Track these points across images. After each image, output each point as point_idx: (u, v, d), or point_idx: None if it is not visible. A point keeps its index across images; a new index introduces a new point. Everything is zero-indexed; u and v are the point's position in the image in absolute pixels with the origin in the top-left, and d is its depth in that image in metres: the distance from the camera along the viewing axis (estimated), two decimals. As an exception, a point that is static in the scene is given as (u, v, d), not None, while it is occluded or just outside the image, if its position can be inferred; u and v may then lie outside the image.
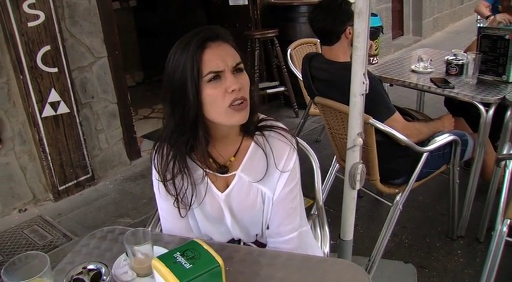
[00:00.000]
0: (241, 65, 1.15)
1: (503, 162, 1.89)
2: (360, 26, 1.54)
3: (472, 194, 2.44)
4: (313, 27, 2.14)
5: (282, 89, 4.44)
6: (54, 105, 2.91)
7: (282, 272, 1.11)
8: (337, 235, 1.86)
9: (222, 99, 1.12)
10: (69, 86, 2.96)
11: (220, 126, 1.20)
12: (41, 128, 2.88)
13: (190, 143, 1.18)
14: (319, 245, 1.51)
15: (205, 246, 0.96)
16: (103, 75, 3.26)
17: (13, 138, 2.88)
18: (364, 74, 1.58)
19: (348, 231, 1.89)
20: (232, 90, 1.11)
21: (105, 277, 1.02)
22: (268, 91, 4.45)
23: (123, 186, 3.29)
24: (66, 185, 3.10)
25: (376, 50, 5.70)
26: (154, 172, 1.26)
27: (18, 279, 0.97)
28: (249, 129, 1.26)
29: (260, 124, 1.29)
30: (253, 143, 1.27)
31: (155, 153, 1.24)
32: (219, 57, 1.12)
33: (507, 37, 2.32)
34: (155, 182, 1.27)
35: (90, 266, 1.04)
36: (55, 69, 2.87)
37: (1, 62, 2.73)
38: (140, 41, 5.84)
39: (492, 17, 3.65)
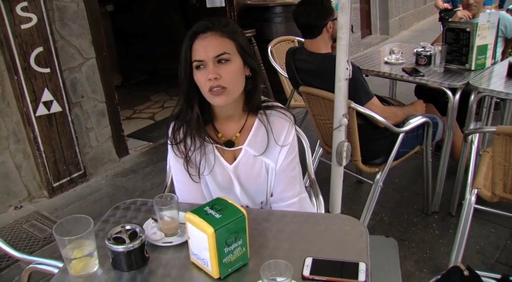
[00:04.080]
0: (226, 56, 1.31)
1: (469, 138, 2.12)
2: (343, 19, 1.74)
3: (443, 172, 2.69)
4: (298, 21, 2.35)
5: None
6: (48, 105, 3.02)
7: (290, 227, 1.30)
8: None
9: (204, 85, 1.32)
10: (61, 85, 3.07)
11: (221, 106, 1.39)
12: (35, 127, 2.98)
13: (198, 117, 1.39)
14: (315, 211, 1.70)
15: (230, 201, 1.14)
16: (92, 75, 3.38)
17: (8, 137, 2.97)
18: (347, 61, 1.78)
19: (336, 205, 2.10)
20: (209, 79, 1.30)
21: (141, 234, 1.17)
22: (248, 89, 4.62)
23: (115, 181, 3.41)
24: (60, 182, 3.20)
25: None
26: (169, 144, 1.45)
27: (67, 236, 1.13)
28: (253, 109, 1.45)
29: (262, 104, 1.48)
30: (257, 121, 1.46)
31: (171, 125, 1.44)
32: (202, 48, 1.31)
33: (468, 30, 2.58)
34: (170, 151, 1.47)
35: (127, 227, 1.20)
36: (47, 70, 2.98)
37: (-5, 63, 2.83)
38: (117, 45, 5.93)
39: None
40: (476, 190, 2.14)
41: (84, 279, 1.15)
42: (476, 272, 1.18)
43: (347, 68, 1.79)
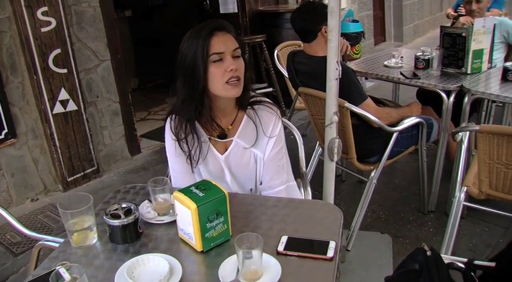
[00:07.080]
0: (239, 51, 1.48)
1: (458, 137, 2.21)
2: (333, 22, 1.87)
3: (439, 172, 2.77)
4: (294, 26, 2.48)
5: (270, 89, 4.76)
6: (64, 103, 3.21)
7: (271, 210, 1.42)
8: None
9: (221, 77, 1.45)
10: (77, 85, 3.26)
11: (220, 99, 1.53)
12: (52, 124, 3.17)
13: (199, 110, 1.49)
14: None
15: (214, 182, 1.27)
16: (106, 76, 3.57)
17: (26, 133, 3.16)
18: (337, 62, 1.90)
19: (329, 198, 2.20)
20: (230, 70, 1.44)
21: (135, 212, 1.31)
22: (258, 92, 4.76)
23: (126, 178, 3.58)
24: (74, 177, 3.38)
25: (358, 54, 6.06)
26: (168, 137, 1.57)
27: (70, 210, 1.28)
28: (243, 104, 1.59)
29: (251, 100, 1.61)
30: (246, 115, 1.59)
31: (170, 120, 1.55)
32: (222, 42, 1.44)
33: (464, 35, 2.68)
34: (170, 144, 1.57)
35: (123, 205, 1.34)
36: (65, 70, 3.17)
37: (17, 63, 3.02)
38: (135, 50, 6.14)
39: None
40: (465, 188, 2.23)
41: (84, 249, 1.30)
42: (441, 254, 1.28)
43: (336, 69, 1.91)
